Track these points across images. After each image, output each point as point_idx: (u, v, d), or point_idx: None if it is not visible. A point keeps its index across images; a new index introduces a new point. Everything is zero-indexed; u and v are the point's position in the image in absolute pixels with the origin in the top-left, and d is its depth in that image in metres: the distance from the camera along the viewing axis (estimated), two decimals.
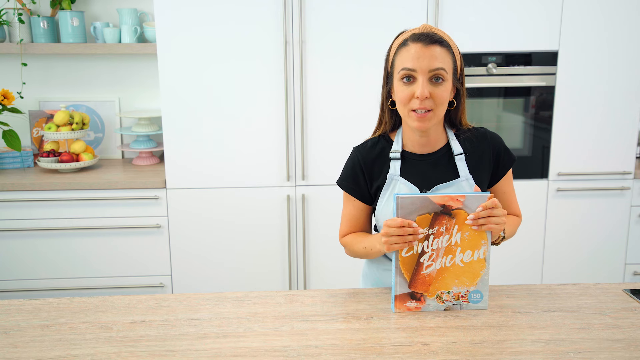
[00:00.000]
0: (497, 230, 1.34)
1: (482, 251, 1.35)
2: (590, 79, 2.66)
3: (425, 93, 1.36)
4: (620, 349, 1.21)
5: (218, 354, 1.20)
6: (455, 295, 1.38)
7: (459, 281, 1.37)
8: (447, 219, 1.32)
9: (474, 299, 1.38)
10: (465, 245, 1.34)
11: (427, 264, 1.35)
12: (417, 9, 2.55)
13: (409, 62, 1.37)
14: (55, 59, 3.06)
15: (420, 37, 1.38)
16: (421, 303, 1.38)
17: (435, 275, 1.36)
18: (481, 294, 1.38)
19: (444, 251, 1.35)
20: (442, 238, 1.34)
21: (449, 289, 1.37)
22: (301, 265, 2.76)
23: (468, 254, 1.35)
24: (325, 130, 2.64)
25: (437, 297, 1.38)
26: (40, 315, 1.38)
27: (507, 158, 1.54)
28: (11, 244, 2.67)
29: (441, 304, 1.38)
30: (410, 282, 1.36)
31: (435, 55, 1.36)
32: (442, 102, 1.40)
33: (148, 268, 2.73)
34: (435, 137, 1.49)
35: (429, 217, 1.32)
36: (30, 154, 2.95)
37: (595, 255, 2.83)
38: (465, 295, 1.38)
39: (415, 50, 1.37)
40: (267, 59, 2.57)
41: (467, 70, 2.64)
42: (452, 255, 1.35)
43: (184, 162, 2.65)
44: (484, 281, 1.37)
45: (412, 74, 1.38)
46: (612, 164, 2.75)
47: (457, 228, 1.33)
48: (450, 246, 1.34)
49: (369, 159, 1.52)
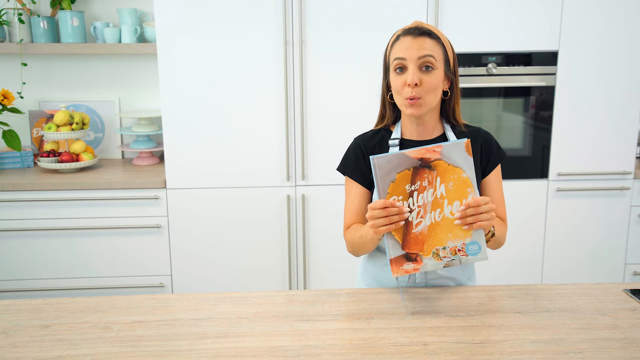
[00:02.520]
0: (487, 226, 1.32)
1: (471, 199, 1.30)
2: (590, 79, 2.66)
3: (414, 79, 1.42)
4: (620, 349, 1.21)
5: (218, 354, 1.20)
6: (452, 250, 1.32)
7: (452, 235, 1.31)
8: (428, 171, 1.29)
9: (472, 251, 1.33)
10: (451, 196, 1.30)
11: (416, 222, 1.31)
12: (417, 9, 2.55)
13: (400, 52, 1.46)
14: (55, 59, 3.06)
15: (410, 31, 1.47)
16: (418, 264, 1.33)
17: (427, 233, 1.31)
18: (479, 245, 1.33)
19: (431, 205, 1.30)
20: (426, 192, 1.29)
21: (444, 244, 1.32)
22: (301, 265, 2.76)
23: (456, 204, 1.30)
24: (325, 130, 2.64)
25: (434, 254, 1.32)
26: (40, 315, 1.38)
27: (497, 153, 1.58)
28: (11, 244, 2.67)
29: (439, 261, 1.33)
30: (402, 243, 1.32)
31: (424, 45, 1.44)
32: (433, 89, 1.45)
33: (148, 268, 2.73)
34: (431, 125, 1.55)
35: (409, 173, 1.28)
36: (30, 154, 2.95)
37: (595, 255, 2.83)
38: (462, 249, 1.32)
39: (406, 41, 1.46)
40: (267, 59, 2.57)
41: (467, 70, 2.64)
42: (440, 208, 1.30)
43: (184, 162, 2.65)
44: (479, 231, 1.32)
45: (403, 64, 1.45)
46: (612, 164, 2.75)
47: (440, 180, 1.29)
48: (437, 199, 1.30)
49: (369, 145, 1.57)
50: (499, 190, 1.59)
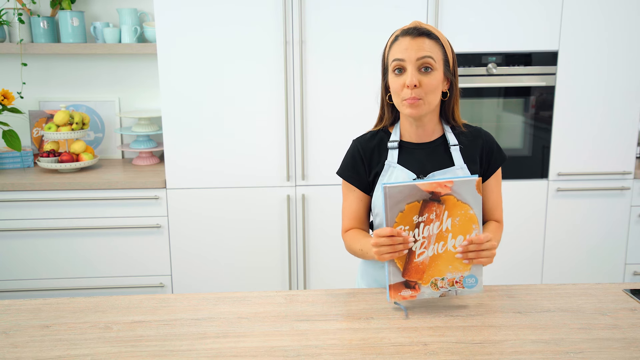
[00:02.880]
0: (486, 263, 1.36)
1: (475, 236, 1.34)
2: (590, 79, 2.66)
3: (414, 81, 1.41)
4: (620, 349, 1.21)
5: (218, 354, 1.20)
6: (449, 281, 1.37)
7: (452, 267, 1.36)
8: (437, 205, 1.32)
9: (469, 284, 1.37)
10: (456, 230, 1.34)
11: (419, 252, 1.35)
12: (417, 9, 2.55)
13: (398, 53, 1.44)
14: (55, 59, 3.06)
15: (408, 31, 1.45)
16: (416, 291, 1.37)
17: (428, 263, 1.35)
18: (476, 279, 1.37)
19: (436, 238, 1.34)
20: (432, 225, 1.33)
21: (443, 275, 1.36)
22: (301, 265, 2.76)
23: (460, 239, 1.34)
24: (325, 130, 2.64)
25: (432, 284, 1.36)
26: (40, 315, 1.38)
27: (498, 156, 1.57)
28: (11, 244, 2.67)
29: (436, 290, 1.37)
30: (403, 271, 1.36)
31: (423, 46, 1.43)
32: (432, 90, 1.44)
33: (148, 268, 2.73)
34: (431, 127, 1.54)
35: (418, 205, 1.31)
36: (30, 154, 2.95)
37: (595, 255, 2.83)
38: (459, 281, 1.37)
39: (404, 42, 1.44)
40: (267, 59, 2.57)
41: (467, 70, 2.64)
42: (443, 241, 1.34)
43: (184, 162, 2.65)
44: (478, 266, 1.37)
45: (402, 65, 1.44)
46: (612, 164, 2.75)
47: (447, 214, 1.32)
48: (442, 232, 1.34)
49: (368, 148, 1.56)
50: (497, 192, 1.58)
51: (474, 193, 1.32)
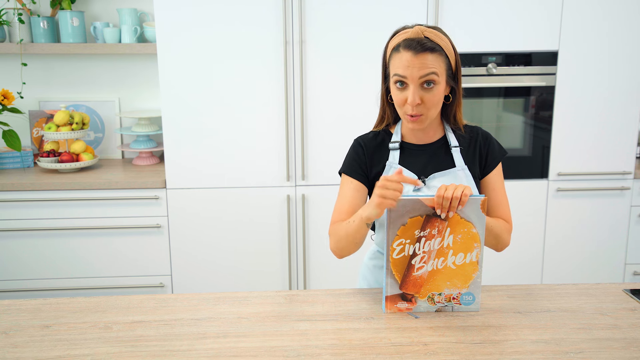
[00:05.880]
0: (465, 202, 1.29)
1: (475, 254, 1.34)
2: (590, 79, 2.66)
3: (416, 100, 1.39)
4: (620, 349, 1.21)
5: (218, 354, 1.20)
6: (446, 297, 1.37)
7: (450, 283, 1.36)
8: (439, 221, 1.32)
9: (466, 301, 1.38)
10: (457, 247, 1.34)
11: (418, 266, 1.35)
12: (417, 9, 2.55)
13: (400, 69, 1.40)
14: (55, 59, 3.06)
15: (411, 45, 1.39)
16: (412, 304, 1.38)
17: (426, 277, 1.36)
18: (473, 296, 1.38)
19: (436, 253, 1.34)
20: (434, 240, 1.33)
21: (440, 290, 1.37)
22: (301, 265, 2.76)
23: (460, 256, 1.35)
24: (325, 131, 2.64)
25: (429, 298, 1.37)
26: (40, 315, 1.38)
27: (497, 151, 1.55)
28: (11, 244, 2.67)
29: (432, 305, 1.38)
30: (401, 283, 1.36)
31: (426, 63, 1.38)
32: (434, 105, 1.43)
33: (148, 268, 2.73)
34: (432, 129, 1.53)
35: (420, 220, 1.32)
36: (30, 154, 2.95)
37: (595, 255, 2.83)
38: (457, 297, 1.37)
39: (407, 58, 1.38)
40: (267, 59, 2.57)
41: (467, 70, 2.64)
42: (444, 257, 1.35)
43: (184, 162, 2.65)
44: (476, 284, 1.37)
45: (404, 81, 1.40)
46: (612, 164, 2.75)
47: (450, 231, 1.33)
48: (442, 248, 1.34)
49: (371, 146, 1.55)
50: (500, 189, 1.55)
51: (478, 212, 1.32)
